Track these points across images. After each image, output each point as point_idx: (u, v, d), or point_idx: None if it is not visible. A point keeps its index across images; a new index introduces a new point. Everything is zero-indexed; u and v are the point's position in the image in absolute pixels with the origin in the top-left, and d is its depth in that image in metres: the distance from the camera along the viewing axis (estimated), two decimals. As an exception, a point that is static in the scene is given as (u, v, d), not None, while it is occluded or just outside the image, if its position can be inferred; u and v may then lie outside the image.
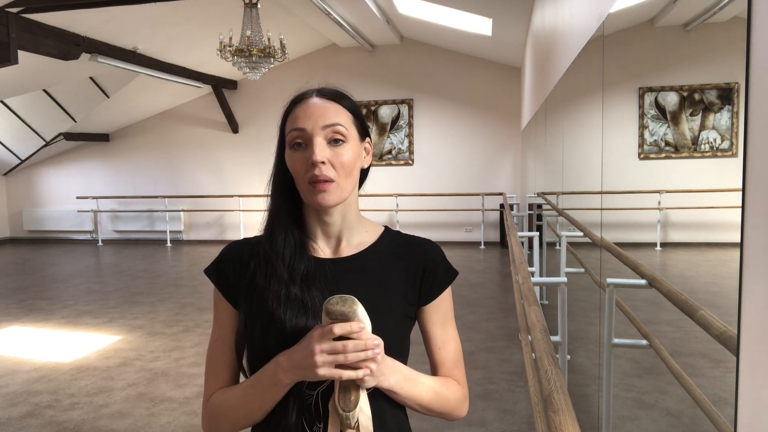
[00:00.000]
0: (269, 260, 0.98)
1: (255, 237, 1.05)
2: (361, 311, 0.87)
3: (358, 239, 1.04)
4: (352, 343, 0.85)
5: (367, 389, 0.90)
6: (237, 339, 0.99)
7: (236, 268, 1.01)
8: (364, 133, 1.02)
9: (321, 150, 0.93)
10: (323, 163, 0.93)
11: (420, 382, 0.97)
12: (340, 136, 0.95)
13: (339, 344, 0.85)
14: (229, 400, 0.97)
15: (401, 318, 1.01)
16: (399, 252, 1.04)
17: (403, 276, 1.02)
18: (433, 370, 1.06)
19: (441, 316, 1.05)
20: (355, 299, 0.86)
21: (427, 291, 1.03)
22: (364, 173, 1.06)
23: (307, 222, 1.03)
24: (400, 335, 1.00)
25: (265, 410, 0.94)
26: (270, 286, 0.96)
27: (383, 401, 0.97)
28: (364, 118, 1.02)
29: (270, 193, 1.02)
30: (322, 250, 1.02)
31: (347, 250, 1.03)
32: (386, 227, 1.10)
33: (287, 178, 0.99)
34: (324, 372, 0.85)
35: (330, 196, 0.94)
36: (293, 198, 1.01)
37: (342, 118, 0.96)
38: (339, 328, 0.85)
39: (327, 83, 1.02)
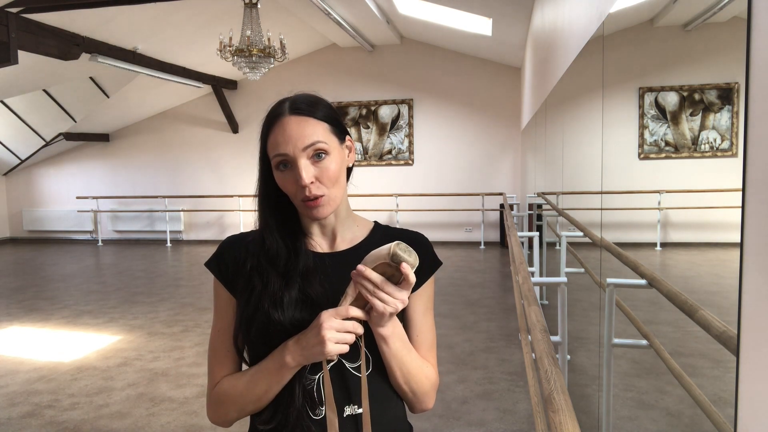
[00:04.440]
0: (264, 264, 1.01)
1: (251, 233, 1.07)
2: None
3: (350, 234, 1.08)
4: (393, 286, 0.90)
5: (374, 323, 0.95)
6: (235, 332, 1.02)
7: (235, 263, 1.04)
8: (343, 134, 1.03)
9: (307, 172, 0.96)
10: (312, 182, 0.96)
11: (410, 349, 1.02)
12: (321, 152, 0.97)
13: (380, 289, 0.89)
14: (236, 387, 1.00)
15: None
16: None
17: None
18: None
19: (422, 304, 1.08)
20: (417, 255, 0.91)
21: None
22: (350, 168, 1.09)
23: (302, 219, 1.06)
24: None
25: (270, 395, 0.98)
26: (267, 289, 0.99)
27: (384, 390, 1.03)
28: (339, 119, 1.04)
29: (258, 198, 1.04)
30: (320, 245, 1.07)
31: (342, 244, 1.07)
32: (376, 222, 1.14)
33: (274, 184, 1.01)
34: (332, 348, 0.90)
35: (323, 209, 0.98)
36: (283, 200, 1.03)
37: (319, 133, 0.98)
38: (353, 311, 0.92)
39: (299, 91, 1.04)
